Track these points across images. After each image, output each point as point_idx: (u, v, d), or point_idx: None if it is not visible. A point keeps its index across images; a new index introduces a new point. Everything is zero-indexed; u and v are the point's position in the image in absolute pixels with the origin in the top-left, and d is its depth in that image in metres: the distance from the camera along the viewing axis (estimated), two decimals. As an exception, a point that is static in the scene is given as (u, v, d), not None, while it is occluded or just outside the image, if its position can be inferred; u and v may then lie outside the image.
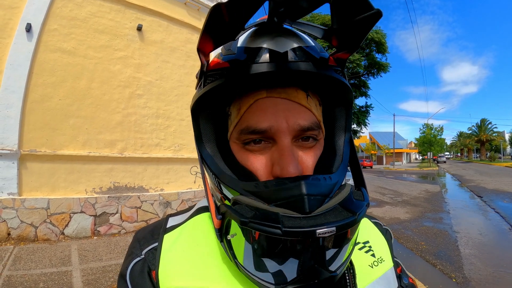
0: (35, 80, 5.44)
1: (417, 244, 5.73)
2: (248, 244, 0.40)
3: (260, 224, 0.35)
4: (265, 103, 0.42)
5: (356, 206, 0.39)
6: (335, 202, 0.39)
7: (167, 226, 0.54)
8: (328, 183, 0.40)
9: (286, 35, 0.42)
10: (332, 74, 0.42)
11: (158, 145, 6.88)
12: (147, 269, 0.49)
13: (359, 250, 0.56)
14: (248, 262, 0.41)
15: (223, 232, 0.44)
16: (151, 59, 6.89)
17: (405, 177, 23.86)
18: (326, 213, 0.37)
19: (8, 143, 5.11)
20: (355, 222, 0.36)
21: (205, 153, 0.46)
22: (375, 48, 22.99)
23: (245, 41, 0.42)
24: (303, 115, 0.43)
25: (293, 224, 0.35)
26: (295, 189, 0.37)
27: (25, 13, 5.35)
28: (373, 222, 0.66)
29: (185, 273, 0.46)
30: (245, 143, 0.44)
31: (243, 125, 0.43)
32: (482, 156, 63.69)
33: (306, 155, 0.44)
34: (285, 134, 0.42)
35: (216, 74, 0.42)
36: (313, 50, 0.41)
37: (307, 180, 0.38)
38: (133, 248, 0.53)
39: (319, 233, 0.34)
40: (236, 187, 0.42)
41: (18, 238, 4.94)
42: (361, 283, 0.50)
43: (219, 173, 0.44)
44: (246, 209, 0.38)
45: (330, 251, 0.41)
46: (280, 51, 0.39)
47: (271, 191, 0.39)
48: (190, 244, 0.50)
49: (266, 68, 0.38)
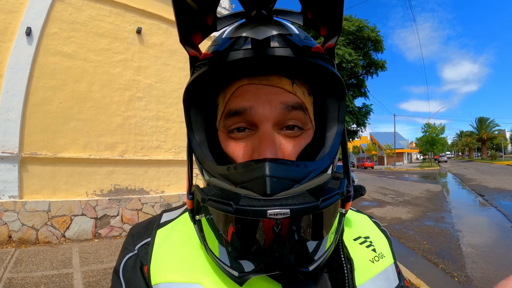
0: (36, 84, 5.46)
1: (419, 244, 5.71)
2: (222, 251, 0.41)
3: (216, 201, 0.36)
4: (247, 88, 0.43)
5: (324, 193, 0.36)
6: (303, 188, 0.37)
7: (161, 222, 0.55)
8: (301, 170, 0.39)
9: (268, 24, 0.41)
10: (316, 61, 0.41)
11: (159, 147, 6.89)
12: (140, 264, 0.49)
13: (360, 245, 0.56)
14: (215, 246, 0.42)
15: (194, 213, 0.45)
16: (151, 61, 6.92)
17: (406, 177, 23.80)
18: (289, 197, 0.35)
19: (9, 146, 5.13)
20: (316, 208, 0.34)
21: (194, 142, 0.47)
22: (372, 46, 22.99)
23: (229, 32, 0.43)
24: (287, 96, 0.43)
25: (246, 203, 0.34)
26: (259, 170, 0.36)
27: (25, 17, 5.39)
28: (372, 221, 0.65)
29: (176, 267, 0.46)
30: (229, 131, 0.44)
31: (226, 110, 0.44)
32: (483, 155, 63.50)
33: (288, 143, 0.44)
34: (267, 119, 0.42)
35: (201, 64, 0.43)
36: (295, 37, 0.40)
37: (273, 162, 0.37)
38: (127, 243, 0.53)
39: (270, 213, 0.32)
40: (212, 171, 0.42)
41: (19, 240, 4.94)
42: (361, 278, 0.50)
43: (202, 159, 0.45)
44: (212, 189, 0.39)
45: (299, 243, 0.39)
46: (259, 38, 0.39)
47: (238, 173, 0.39)
48: (182, 239, 0.51)
49: (243, 55, 0.39)
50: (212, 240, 0.42)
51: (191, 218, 0.45)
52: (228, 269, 0.40)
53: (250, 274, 0.39)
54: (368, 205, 10.26)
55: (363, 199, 11.50)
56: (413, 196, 12.15)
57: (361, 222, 0.62)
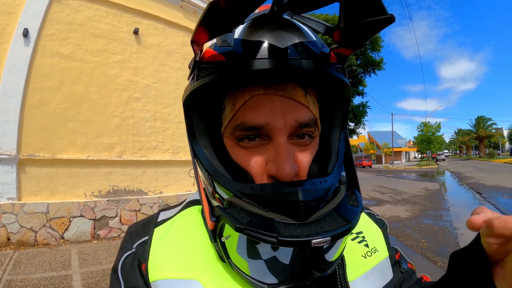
0: (33, 85, 5.44)
1: (418, 242, 5.73)
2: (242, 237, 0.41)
3: (256, 232, 0.35)
4: (262, 100, 0.40)
5: (350, 214, 0.38)
6: (330, 207, 0.39)
7: (158, 220, 0.55)
8: (324, 187, 0.40)
9: (286, 28, 0.39)
10: (333, 73, 0.40)
11: (157, 148, 6.89)
12: (137, 262, 0.50)
13: (352, 241, 0.56)
14: (241, 254, 0.42)
15: (216, 233, 0.43)
16: (148, 62, 6.91)
17: (404, 176, 23.85)
18: (321, 220, 0.37)
19: (7, 148, 5.11)
20: (349, 230, 0.36)
21: (198, 148, 0.45)
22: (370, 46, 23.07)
23: (242, 33, 0.40)
24: (301, 112, 0.42)
25: (288, 232, 0.35)
26: (292, 195, 0.37)
27: (22, 18, 5.36)
28: (366, 212, 0.65)
29: (173, 264, 0.47)
30: (239, 139, 0.42)
31: (238, 121, 0.41)
32: (481, 153, 63.77)
33: (301, 153, 0.43)
34: (281, 132, 0.40)
35: (210, 68, 0.40)
36: (314, 45, 0.39)
37: (303, 186, 0.38)
38: (125, 242, 0.54)
39: (314, 243, 0.34)
40: (231, 188, 0.40)
41: (18, 242, 4.93)
42: (354, 274, 0.50)
43: (213, 171, 0.42)
44: (241, 214, 0.38)
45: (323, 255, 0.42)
46: (281, 46, 0.37)
47: (267, 195, 0.38)
48: (179, 237, 0.51)
49: (266, 65, 0.36)
50: (234, 253, 0.42)
51: (211, 238, 0.45)
52: (257, 283, 0.42)
53: (280, 285, 0.41)
54: (367, 204, 10.27)
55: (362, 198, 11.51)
56: (411, 195, 12.18)
57: None
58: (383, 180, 20.04)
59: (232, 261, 0.42)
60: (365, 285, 0.50)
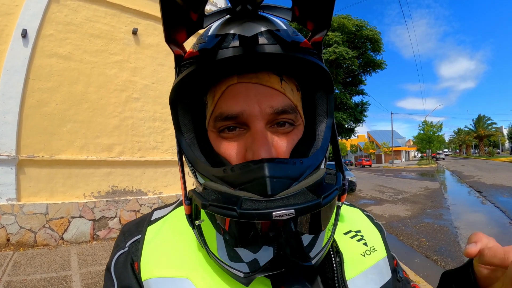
0: (32, 86, 5.44)
1: (418, 241, 5.73)
2: (220, 240, 0.41)
3: (218, 207, 0.35)
4: (237, 89, 0.42)
5: (324, 190, 0.36)
6: (302, 186, 0.37)
7: (152, 219, 0.55)
8: (298, 167, 0.39)
9: (256, 20, 0.41)
10: (305, 57, 0.41)
11: (156, 148, 6.88)
12: (130, 260, 0.49)
13: (351, 239, 0.55)
14: (222, 258, 0.41)
15: (193, 218, 0.44)
16: (147, 62, 6.90)
17: (404, 175, 23.88)
18: (290, 196, 0.35)
19: (6, 148, 5.10)
20: (319, 205, 0.34)
21: (183, 143, 0.46)
22: (370, 46, 23.05)
23: (216, 29, 0.42)
24: (276, 98, 0.42)
25: (250, 206, 0.34)
26: (258, 171, 0.36)
27: (21, 19, 5.36)
28: (365, 214, 0.65)
29: (165, 263, 0.47)
30: (220, 131, 0.44)
31: (217, 112, 0.43)
32: (481, 151, 63.81)
33: (281, 140, 0.43)
34: (258, 119, 0.41)
35: (187, 63, 0.42)
36: (284, 33, 0.40)
37: (271, 162, 0.37)
38: (118, 241, 0.54)
39: (276, 215, 0.32)
40: (207, 174, 0.41)
41: (17, 243, 4.92)
42: (352, 272, 0.50)
43: (194, 162, 0.44)
44: (210, 193, 0.38)
45: (301, 239, 0.40)
46: (247, 35, 0.38)
47: (236, 175, 0.38)
48: (171, 235, 0.51)
49: (232, 53, 0.38)
50: (213, 244, 0.42)
51: (189, 223, 0.45)
52: (233, 271, 0.41)
53: (256, 273, 0.40)
54: (366, 203, 10.29)
55: (361, 197, 11.53)
56: (411, 194, 12.19)
57: (353, 216, 0.62)
58: (383, 179, 20.06)
59: (209, 248, 0.42)
60: (363, 284, 0.50)
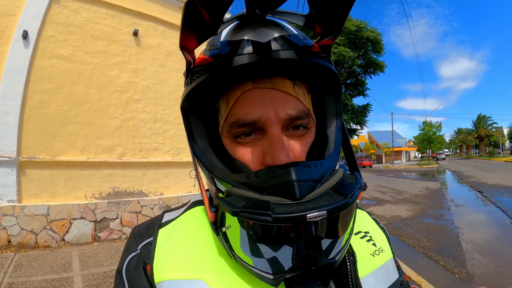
0: (33, 87, 5.44)
1: (419, 241, 5.72)
2: (243, 234, 0.41)
3: (251, 213, 0.35)
4: (252, 95, 0.43)
5: (348, 189, 0.38)
6: (326, 187, 0.39)
7: (162, 221, 0.55)
8: (319, 169, 0.40)
9: (268, 25, 0.42)
10: (317, 61, 0.42)
11: (157, 149, 6.88)
12: (142, 263, 0.49)
13: (361, 239, 0.57)
14: (245, 252, 0.41)
15: (218, 225, 0.44)
16: (148, 63, 6.91)
17: (405, 175, 23.86)
18: (317, 198, 0.37)
19: (7, 150, 5.10)
20: (346, 205, 0.36)
21: (197, 149, 0.46)
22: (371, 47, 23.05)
23: (228, 35, 0.42)
24: (291, 103, 0.43)
25: (283, 210, 0.35)
26: (285, 176, 0.37)
27: (22, 20, 5.37)
28: (372, 217, 0.67)
29: (178, 265, 0.46)
30: (235, 136, 0.44)
31: (233, 118, 0.43)
32: (481, 152, 63.79)
33: (297, 143, 0.44)
34: (274, 124, 0.42)
35: (201, 70, 0.42)
36: (296, 38, 0.41)
37: (296, 167, 0.38)
38: (129, 244, 0.54)
39: (310, 217, 0.34)
40: (228, 180, 0.42)
41: (18, 245, 4.92)
42: (363, 271, 0.51)
43: (211, 168, 0.44)
44: (238, 200, 0.39)
45: (326, 238, 0.41)
46: (262, 41, 0.39)
47: (262, 180, 0.39)
48: (184, 237, 0.51)
49: (248, 59, 0.38)
50: (236, 244, 0.42)
51: (213, 230, 0.45)
52: (262, 273, 0.41)
53: (285, 274, 0.40)
54: (368, 203, 10.27)
55: (363, 198, 11.52)
56: (412, 194, 12.18)
57: (361, 218, 0.64)
58: (384, 179, 20.05)
59: (236, 254, 0.42)
60: (374, 283, 0.51)
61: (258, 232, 0.39)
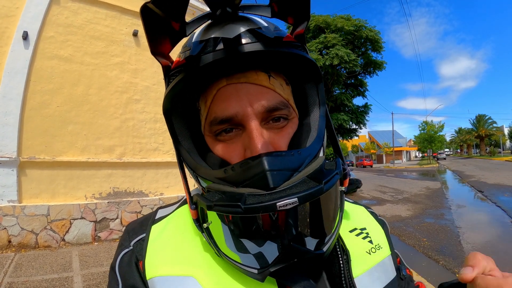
0: (33, 87, 5.45)
1: (419, 241, 5.71)
2: (226, 229, 0.41)
3: (223, 206, 0.36)
4: (227, 91, 0.43)
5: (324, 176, 0.37)
6: (303, 174, 0.38)
7: (156, 218, 0.55)
8: (296, 157, 0.39)
9: (237, 21, 0.41)
10: (290, 50, 0.41)
11: (157, 150, 6.89)
12: (135, 259, 0.49)
13: (356, 236, 0.55)
14: (230, 248, 0.41)
15: (200, 222, 0.44)
16: (147, 64, 6.91)
17: (405, 175, 23.84)
18: (292, 186, 0.36)
19: (7, 150, 5.11)
20: (321, 191, 0.35)
21: (182, 151, 0.46)
22: (371, 46, 22.97)
23: (199, 35, 0.42)
24: (267, 96, 0.43)
25: (254, 200, 0.34)
26: (258, 167, 0.37)
27: (22, 21, 5.38)
28: (369, 211, 0.65)
29: (169, 261, 0.47)
30: (216, 134, 0.44)
31: (211, 116, 0.44)
32: (482, 151, 63.70)
33: (277, 135, 0.44)
34: (251, 118, 0.42)
35: (176, 73, 0.43)
36: (265, 30, 0.41)
37: (269, 156, 0.37)
38: (123, 240, 0.54)
39: (280, 205, 0.33)
40: (209, 176, 0.42)
41: (19, 245, 4.92)
42: (358, 270, 0.49)
43: (195, 167, 0.44)
44: (214, 195, 0.39)
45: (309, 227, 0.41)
46: (230, 37, 0.39)
47: (238, 173, 0.39)
48: (175, 233, 0.51)
49: (217, 56, 0.39)
50: (221, 239, 0.42)
51: (198, 227, 0.45)
52: (247, 269, 0.41)
53: (269, 268, 0.40)
54: (368, 203, 10.26)
55: (363, 197, 11.52)
56: (412, 194, 12.17)
57: (358, 214, 0.62)
58: (384, 179, 20.03)
59: (222, 250, 0.42)
60: (369, 282, 0.50)
61: (239, 226, 0.40)
